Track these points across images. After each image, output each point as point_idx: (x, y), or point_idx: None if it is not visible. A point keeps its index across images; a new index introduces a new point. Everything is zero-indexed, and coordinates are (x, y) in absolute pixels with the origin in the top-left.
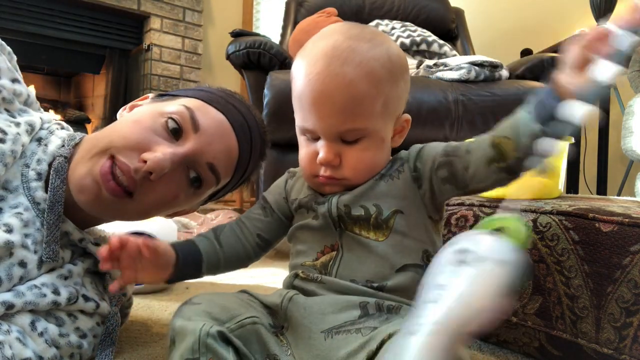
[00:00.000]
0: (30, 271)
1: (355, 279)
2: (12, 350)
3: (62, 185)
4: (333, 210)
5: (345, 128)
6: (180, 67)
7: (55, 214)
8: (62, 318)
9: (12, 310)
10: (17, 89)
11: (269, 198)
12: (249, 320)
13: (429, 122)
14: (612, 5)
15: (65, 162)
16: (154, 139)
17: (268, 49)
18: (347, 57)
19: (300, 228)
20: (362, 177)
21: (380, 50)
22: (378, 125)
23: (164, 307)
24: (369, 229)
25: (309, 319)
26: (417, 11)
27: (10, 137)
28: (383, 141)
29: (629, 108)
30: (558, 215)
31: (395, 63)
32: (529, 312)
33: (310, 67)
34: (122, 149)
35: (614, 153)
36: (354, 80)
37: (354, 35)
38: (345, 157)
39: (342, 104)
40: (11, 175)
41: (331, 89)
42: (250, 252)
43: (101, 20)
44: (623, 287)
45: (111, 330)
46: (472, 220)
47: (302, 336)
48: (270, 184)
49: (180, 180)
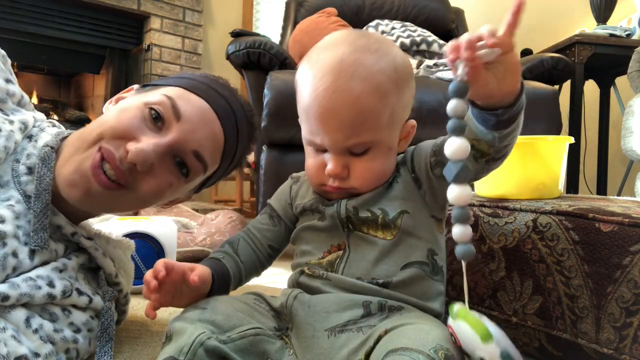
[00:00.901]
0: (22, 261)
1: (361, 276)
2: (7, 348)
3: (48, 173)
4: (342, 212)
5: (352, 142)
6: (180, 67)
7: (42, 202)
8: (56, 313)
9: (7, 302)
10: (11, 89)
11: (275, 206)
12: (251, 331)
13: (429, 122)
14: (612, 5)
15: (52, 151)
16: (141, 128)
17: (268, 49)
18: (354, 71)
19: (306, 229)
20: (370, 186)
21: (386, 61)
22: (385, 136)
23: (163, 307)
24: (377, 228)
25: (314, 317)
26: (417, 11)
27: (3, 134)
28: (390, 149)
29: (629, 108)
30: (558, 215)
31: (400, 73)
32: (529, 312)
33: (317, 81)
34: (110, 138)
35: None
36: (361, 96)
37: (360, 46)
38: (353, 168)
39: (350, 120)
40: (2, 170)
41: (338, 104)
42: (263, 261)
43: (101, 20)
44: (623, 287)
45: (107, 326)
46: (472, 220)
47: (306, 334)
48: (271, 184)
49: (170, 168)
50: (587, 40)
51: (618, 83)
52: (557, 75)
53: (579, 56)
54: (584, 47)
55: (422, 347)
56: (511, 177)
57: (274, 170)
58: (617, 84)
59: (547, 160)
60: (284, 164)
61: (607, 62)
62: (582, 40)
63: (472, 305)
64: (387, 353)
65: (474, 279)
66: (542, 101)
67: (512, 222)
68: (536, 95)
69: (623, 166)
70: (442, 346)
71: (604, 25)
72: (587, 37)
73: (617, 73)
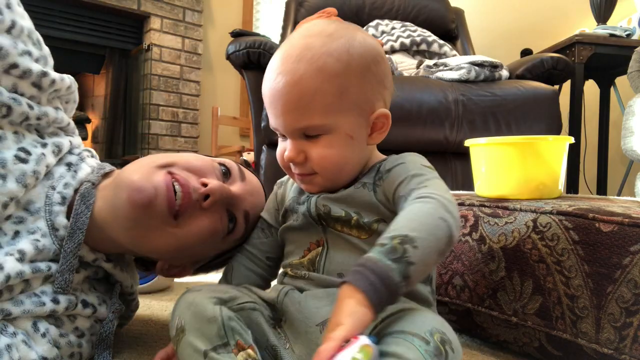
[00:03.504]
0: (32, 285)
1: (342, 272)
2: (19, 353)
3: (86, 211)
4: (312, 209)
5: (302, 125)
6: (180, 67)
7: (74, 242)
8: (61, 319)
9: (9, 317)
10: (60, 116)
11: (265, 217)
12: (249, 304)
13: (429, 122)
14: (612, 5)
15: (93, 188)
16: (211, 173)
17: (268, 49)
18: (300, 54)
19: (286, 230)
20: (332, 174)
21: (337, 44)
22: (340, 121)
23: (164, 307)
24: (351, 227)
25: (304, 313)
26: (417, 11)
27: (33, 158)
28: (351, 138)
29: (629, 108)
30: (558, 215)
31: (355, 56)
32: (529, 312)
33: (269, 67)
34: (182, 169)
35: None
36: (304, 77)
37: (314, 32)
38: (309, 153)
39: (294, 101)
40: (35, 195)
41: (282, 86)
42: (265, 275)
43: (101, 20)
44: (623, 287)
45: (106, 336)
46: (472, 220)
47: (299, 330)
48: (271, 184)
49: (222, 216)
50: (587, 40)
51: (618, 83)
52: (557, 75)
53: (579, 56)
54: (584, 47)
55: (417, 330)
56: (511, 177)
57: (274, 170)
58: (617, 84)
59: (547, 160)
60: None
61: (607, 62)
62: (582, 40)
63: (472, 305)
64: (382, 337)
65: (474, 279)
66: (542, 101)
67: (512, 222)
68: (536, 95)
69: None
70: (438, 329)
71: (604, 25)
72: (587, 37)
73: (617, 73)
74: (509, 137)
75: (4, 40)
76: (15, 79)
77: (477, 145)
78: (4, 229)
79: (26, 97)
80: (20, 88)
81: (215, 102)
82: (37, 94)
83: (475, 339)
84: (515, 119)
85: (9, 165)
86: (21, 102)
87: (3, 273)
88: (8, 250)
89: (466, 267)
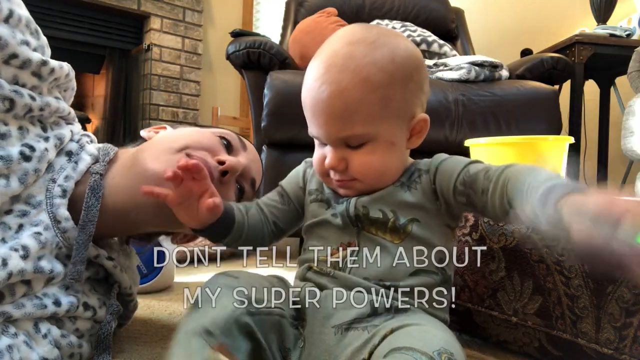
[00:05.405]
0: (34, 287)
1: (368, 277)
2: (20, 353)
3: (96, 204)
4: (351, 210)
5: (345, 134)
6: (180, 67)
7: (86, 234)
8: (62, 320)
9: (10, 319)
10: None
11: (286, 187)
12: (277, 310)
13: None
14: (612, 5)
15: (101, 179)
16: (220, 148)
17: (268, 49)
18: (344, 64)
19: (319, 224)
20: (373, 180)
21: (381, 52)
22: (382, 129)
23: (164, 307)
24: (386, 231)
25: (322, 313)
26: (417, 11)
27: (37, 155)
28: (393, 144)
29: (629, 108)
30: None
31: (399, 64)
32: (529, 312)
33: (309, 75)
34: (198, 149)
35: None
36: (348, 87)
37: (355, 40)
38: (351, 161)
39: (339, 112)
40: (36, 189)
41: (326, 97)
42: (265, 236)
43: (101, 20)
44: (623, 287)
45: (104, 337)
46: (472, 220)
47: (314, 329)
48: (271, 183)
49: (234, 189)
50: (587, 40)
51: (618, 83)
52: (557, 75)
53: (579, 56)
54: (584, 47)
55: (426, 348)
56: None
57: (274, 170)
58: (617, 84)
59: (547, 160)
60: (284, 164)
61: (607, 62)
62: (582, 40)
63: (472, 305)
64: (390, 351)
65: (473, 278)
66: (542, 101)
67: (512, 222)
68: (536, 95)
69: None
70: (446, 350)
71: (604, 25)
72: (587, 37)
73: (617, 73)
74: (509, 137)
75: (2, 29)
76: (15, 69)
77: (477, 145)
78: (7, 223)
79: (27, 87)
80: (21, 79)
81: (215, 102)
82: (38, 84)
83: (475, 339)
84: (515, 119)
85: (13, 165)
86: (23, 94)
87: (6, 270)
88: (12, 245)
89: (466, 267)
